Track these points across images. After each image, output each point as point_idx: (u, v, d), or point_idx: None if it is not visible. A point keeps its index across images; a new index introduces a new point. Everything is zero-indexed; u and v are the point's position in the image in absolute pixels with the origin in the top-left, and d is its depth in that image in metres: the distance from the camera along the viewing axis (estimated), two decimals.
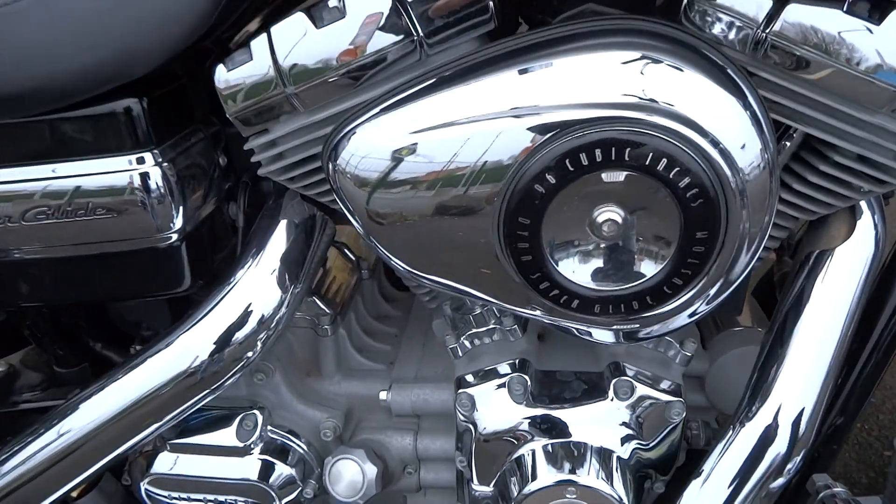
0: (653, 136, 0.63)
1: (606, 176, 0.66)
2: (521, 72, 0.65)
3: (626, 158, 0.64)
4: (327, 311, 1.04)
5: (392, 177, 0.70)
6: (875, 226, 0.83)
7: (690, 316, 0.76)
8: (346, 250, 1.17)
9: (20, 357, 1.22)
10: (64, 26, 0.73)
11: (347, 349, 1.09)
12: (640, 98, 0.62)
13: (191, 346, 0.86)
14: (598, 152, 0.64)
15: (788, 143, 0.78)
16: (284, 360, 1.04)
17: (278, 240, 0.88)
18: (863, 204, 0.82)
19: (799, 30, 0.68)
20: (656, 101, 0.62)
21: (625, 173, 0.65)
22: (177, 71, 0.88)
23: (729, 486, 0.83)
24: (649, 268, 0.71)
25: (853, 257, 0.83)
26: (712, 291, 0.73)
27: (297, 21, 0.73)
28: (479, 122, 0.66)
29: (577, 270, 0.72)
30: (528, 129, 0.65)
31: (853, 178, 0.74)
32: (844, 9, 0.67)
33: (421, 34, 0.71)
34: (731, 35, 0.68)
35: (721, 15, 0.68)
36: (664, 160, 0.63)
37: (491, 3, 0.71)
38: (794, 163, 0.78)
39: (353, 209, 0.74)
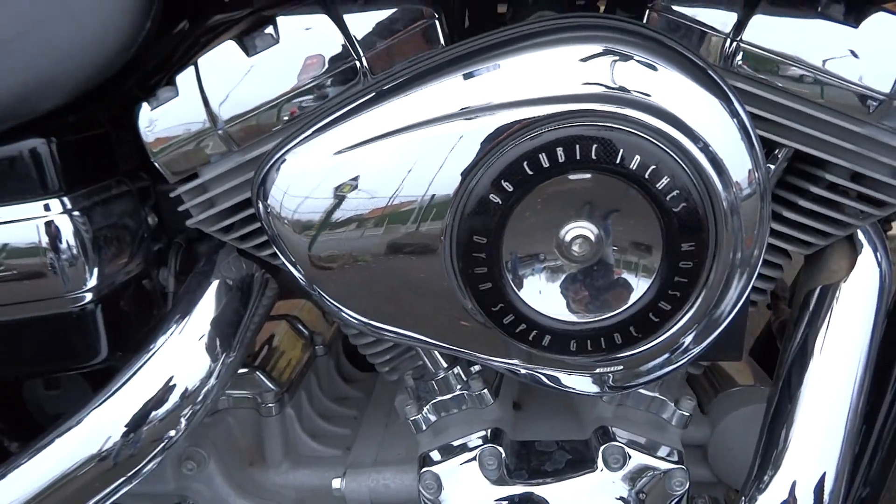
0: (624, 132, 0.56)
1: (574, 184, 0.58)
2: (469, 75, 0.59)
3: (594, 159, 0.56)
4: (272, 387, 0.96)
5: (333, 209, 0.63)
6: (877, 258, 0.78)
7: (680, 355, 0.67)
8: (298, 324, 1.11)
9: None
10: None
11: (297, 433, 1.01)
12: (608, 88, 0.55)
13: (101, 425, 0.76)
14: (560, 152, 0.56)
15: (773, 167, 0.73)
16: (221, 446, 0.96)
17: (208, 301, 0.81)
18: (861, 236, 0.78)
19: (772, 36, 0.66)
20: (628, 91, 0.55)
21: (593, 178, 0.57)
22: (100, 118, 0.83)
23: None
24: (631, 292, 0.62)
25: (858, 294, 0.77)
26: (702, 325, 0.65)
27: (226, 50, 0.69)
28: (425, 129, 0.59)
29: (545, 298, 0.63)
30: (480, 131, 0.58)
31: (848, 201, 0.71)
32: (819, 10, 0.66)
33: (364, 59, 0.68)
34: (701, 46, 0.66)
35: (686, 24, 0.66)
36: (638, 158, 0.56)
37: (438, 24, 0.68)
38: (783, 190, 0.75)
39: (290, 253, 0.66)
